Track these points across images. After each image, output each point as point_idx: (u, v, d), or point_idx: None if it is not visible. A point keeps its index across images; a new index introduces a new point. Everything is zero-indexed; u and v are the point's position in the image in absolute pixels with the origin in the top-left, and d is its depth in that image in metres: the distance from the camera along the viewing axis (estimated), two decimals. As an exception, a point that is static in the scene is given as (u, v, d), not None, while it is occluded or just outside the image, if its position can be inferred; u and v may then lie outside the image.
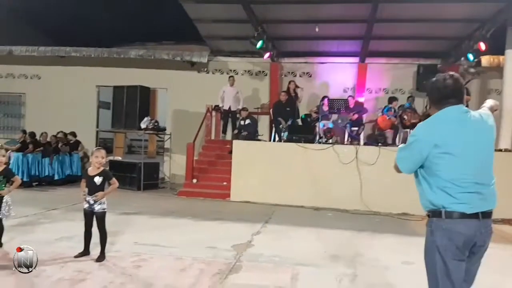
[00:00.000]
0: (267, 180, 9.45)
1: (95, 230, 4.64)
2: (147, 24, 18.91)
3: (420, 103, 11.56)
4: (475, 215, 2.27)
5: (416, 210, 8.53)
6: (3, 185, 4.86)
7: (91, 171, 4.65)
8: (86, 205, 4.62)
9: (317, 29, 10.53)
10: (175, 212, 7.93)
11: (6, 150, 7.13)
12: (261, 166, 9.56)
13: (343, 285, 4.13)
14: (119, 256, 4.75)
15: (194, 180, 10.54)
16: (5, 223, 4.98)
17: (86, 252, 4.66)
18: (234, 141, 10.09)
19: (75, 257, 4.57)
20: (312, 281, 4.21)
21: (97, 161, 4.60)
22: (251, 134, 10.63)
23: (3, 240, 4.93)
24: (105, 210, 4.64)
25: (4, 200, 4.82)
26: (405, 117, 10.48)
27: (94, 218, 4.61)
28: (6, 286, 3.76)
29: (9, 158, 9.75)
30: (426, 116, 10.50)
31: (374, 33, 10.69)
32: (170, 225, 6.77)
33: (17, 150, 10.77)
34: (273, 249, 5.41)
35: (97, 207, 4.58)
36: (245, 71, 13.09)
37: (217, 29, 11.61)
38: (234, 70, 13.01)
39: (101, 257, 4.55)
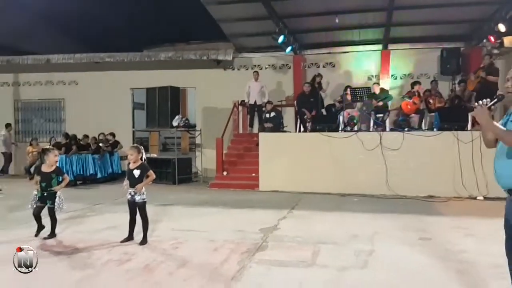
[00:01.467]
0: (294, 169, 9.86)
1: (138, 218, 5.22)
2: (175, 25, 19.62)
3: (445, 87, 11.60)
4: None
5: (441, 192, 8.77)
6: (55, 183, 5.52)
7: (131, 165, 5.24)
8: (128, 196, 5.21)
9: (337, 20, 10.80)
10: (207, 202, 8.49)
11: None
12: (287, 156, 9.96)
13: (360, 259, 4.51)
14: (159, 240, 5.31)
15: (225, 173, 11.10)
16: (58, 216, 5.65)
17: (130, 237, 5.25)
18: (260, 134, 10.56)
19: (121, 242, 5.17)
20: (332, 256, 4.61)
21: (129, 158, 5.19)
22: (276, 126, 11.05)
23: (56, 231, 5.60)
24: (145, 200, 5.21)
25: (57, 195, 5.48)
26: (431, 101, 10.60)
27: (137, 208, 5.19)
28: (62, 267, 4.36)
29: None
30: (452, 99, 10.61)
31: (395, 20, 10.84)
32: (203, 213, 7.33)
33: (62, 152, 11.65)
34: (297, 231, 5.84)
35: (137, 198, 5.15)
36: (269, 65, 13.49)
37: (240, 27, 12.05)
38: (258, 65, 13.44)
39: (143, 241, 5.12)
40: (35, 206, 5.45)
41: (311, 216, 7.05)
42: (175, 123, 11.72)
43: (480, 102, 2.65)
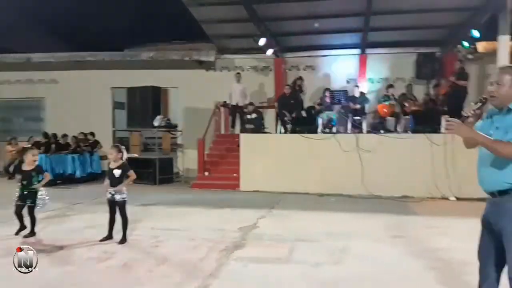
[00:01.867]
0: (274, 170, 10.03)
1: (118, 217, 5.29)
2: (158, 24, 19.66)
3: (421, 90, 11.96)
4: None
5: (415, 193, 9.07)
6: (36, 181, 5.55)
7: (111, 165, 5.31)
8: (108, 196, 5.28)
9: (316, 25, 11.05)
10: (188, 202, 8.59)
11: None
12: (268, 157, 10.13)
13: (334, 255, 4.70)
14: (139, 239, 5.40)
15: (206, 173, 11.20)
16: (38, 214, 5.67)
17: (109, 236, 5.31)
18: (241, 134, 10.71)
19: (100, 240, 5.23)
20: (307, 253, 4.79)
21: (110, 157, 5.27)
22: (257, 127, 11.20)
23: (36, 229, 5.62)
24: (125, 199, 5.29)
25: (41, 193, 5.50)
26: (406, 104, 10.93)
27: (117, 207, 5.26)
28: (41, 264, 4.40)
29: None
30: (426, 103, 10.96)
31: (372, 25, 11.13)
32: (183, 213, 7.43)
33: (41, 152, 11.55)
34: (276, 229, 6.01)
35: (117, 197, 5.23)
36: (251, 67, 13.65)
37: (222, 28, 12.18)
38: (240, 67, 13.58)
39: (123, 240, 5.20)
40: (17, 204, 5.47)
41: (289, 215, 7.23)
42: (156, 123, 11.76)
43: (449, 119, 2.61)
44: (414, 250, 4.95)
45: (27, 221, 5.56)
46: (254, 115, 11.60)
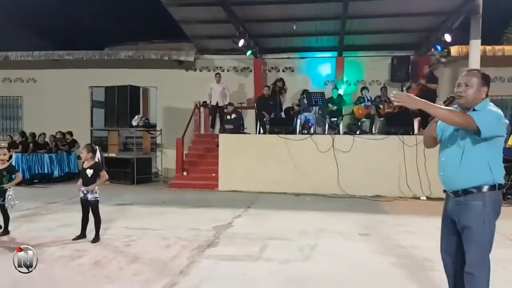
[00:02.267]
0: (252, 170, 10.15)
1: (91, 216, 5.33)
2: (138, 24, 19.57)
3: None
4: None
5: (387, 192, 9.34)
6: (7, 180, 5.54)
7: (85, 164, 5.35)
8: (81, 195, 5.32)
9: (294, 27, 11.20)
10: (165, 202, 8.62)
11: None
12: (246, 157, 10.25)
13: (303, 252, 4.85)
14: (112, 238, 5.44)
15: (185, 173, 11.25)
16: (11, 214, 5.66)
17: (82, 235, 5.34)
18: (220, 135, 10.80)
19: (73, 239, 5.25)
20: (278, 250, 4.92)
21: (82, 157, 5.32)
22: (237, 127, 11.30)
23: (10, 228, 5.61)
24: (98, 198, 5.32)
25: (8, 194, 5.49)
26: (381, 106, 11.19)
27: (89, 206, 5.30)
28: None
29: (10, 157, 10.37)
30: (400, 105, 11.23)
31: (348, 29, 11.36)
32: (159, 212, 7.47)
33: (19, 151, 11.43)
34: (250, 228, 6.13)
35: (90, 196, 5.27)
36: (231, 67, 13.74)
37: (201, 29, 12.23)
38: (220, 67, 13.66)
39: (96, 239, 5.24)
40: None
41: (265, 214, 7.35)
42: (134, 123, 11.75)
43: (394, 92, 2.69)
44: (381, 247, 5.13)
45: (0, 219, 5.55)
46: (233, 116, 11.70)
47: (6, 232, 5.54)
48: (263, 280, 3.95)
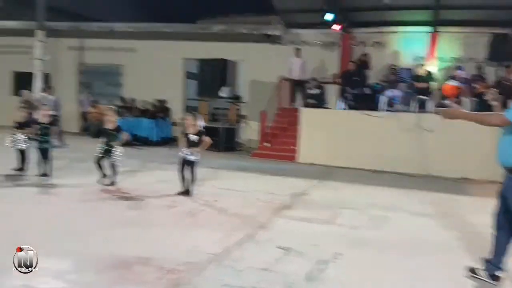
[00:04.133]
0: (331, 144, 10.37)
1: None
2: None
3: (492, 72, 11.48)
4: None
5: (475, 175, 8.97)
6: (114, 139, 6.42)
7: (189, 130, 5.99)
8: (183, 155, 5.98)
9: (386, 1, 10.92)
10: (247, 168, 9.26)
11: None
12: (326, 132, 10.47)
13: (372, 222, 5.10)
14: (202, 194, 6.12)
15: (267, 144, 11.79)
16: (118, 168, 6.57)
17: (186, 191, 5.99)
18: (302, 109, 11.10)
19: (178, 194, 5.92)
20: (348, 218, 5.24)
21: (187, 123, 5.95)
22: (319, 102, 11.51)
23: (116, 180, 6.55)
24: (198, 160, 6.00)
25: (115, 150, 6.36)
26: (476, 86, 10.61)
27: (189, 165, 5.95)
28: (120, 207, 5.27)
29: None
30: (497, 84, 10.54)
31: (444, 2, 10.79)
32: (241, 177, 8.14)
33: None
34: (323, 197, 6.51)
35: (192, 157, 5.94)
36: (317, 42, 13.78)
37: (290, 2, 12.42)
38: (306, 42, 13.77)
39: (189, 193, 5.96)
40: (98, 156, 6.38)
41: (339, 186, 7.65)
42: (222, 94, 12.47)
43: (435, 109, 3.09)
44: (450, 224, 5.19)
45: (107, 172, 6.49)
46: (316, 90, 11.89)
47: (113, 183, 6.43)
48: (332, 238, 4.32)
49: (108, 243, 3.82)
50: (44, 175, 6.66)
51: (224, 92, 12.46)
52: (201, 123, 6.09)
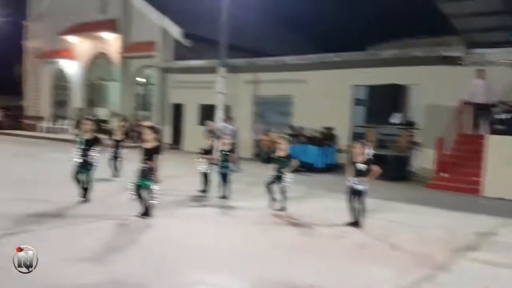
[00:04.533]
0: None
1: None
2: (401, 21, 19.64)
3: None
4: None
5: None
6: (285, 166, 6.68)
7: (357, 159, 5.90)
8: (352, 185, 5.88)
9: None
10: (421, 201, 8.50)
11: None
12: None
13: None
14: (372, 226, 5.87)
15: (445, 174, 10.69)
16: (288, 194, 6.77)
17: (355, 223, 5.84)
18: (489, 136, 9.80)
19: (347, 224, 5.83)
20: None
21: (355, 151, 5.83)
22: (509, 128, 9.99)
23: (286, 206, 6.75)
24: (366, 189, 5.83)
25: (285, 176, 6.61)
26: None
27: (357, 195, 5.82)
28: (292, 232, 5.40)
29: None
30: None
31: None
32: (415, 210, 7.53)
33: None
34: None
35: (360, 187, 5.81)
36: (506, 61, 12.09)
37: (474, 22, 11.29)
38: (492, 62, 12.22)
39: (359, 225, 5.78)
40: (269, 181, 6.71)
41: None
42: (394, 120, 11.92)
43: None
44: None
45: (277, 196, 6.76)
46: (506, 115, 10.38)
47: (283, 208, 6.65)
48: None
49: (285, 268, 3.96)
50: (224, 197, 7.39)
51: (396, 118, 11.90)
52: (369, 152, 5.91)
